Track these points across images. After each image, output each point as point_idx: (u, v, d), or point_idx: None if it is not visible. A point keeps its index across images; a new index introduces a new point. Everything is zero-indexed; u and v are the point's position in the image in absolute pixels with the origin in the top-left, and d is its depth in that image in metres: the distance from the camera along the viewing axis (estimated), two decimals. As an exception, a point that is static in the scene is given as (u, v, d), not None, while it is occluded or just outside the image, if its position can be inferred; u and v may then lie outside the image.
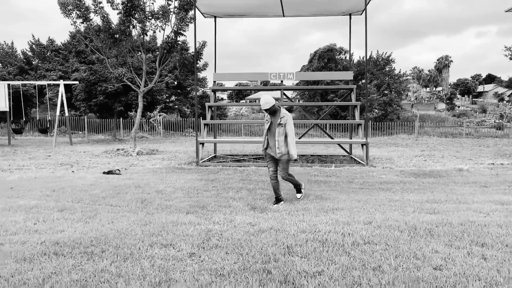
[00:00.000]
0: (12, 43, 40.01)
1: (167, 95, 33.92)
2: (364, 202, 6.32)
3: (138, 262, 3.71)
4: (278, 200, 6.18)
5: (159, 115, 30.14)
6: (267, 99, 5.91)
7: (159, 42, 24.81)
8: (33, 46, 39.00)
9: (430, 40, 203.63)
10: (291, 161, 6.20)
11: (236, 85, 50.77)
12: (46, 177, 9.11)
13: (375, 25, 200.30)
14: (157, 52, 17.86)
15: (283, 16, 13.13)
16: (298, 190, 6.57)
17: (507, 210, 5.78)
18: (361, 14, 12.99)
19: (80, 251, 4.02)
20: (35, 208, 5.98)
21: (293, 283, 3.25)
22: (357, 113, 11.88)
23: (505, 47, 30.77)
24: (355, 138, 13.56)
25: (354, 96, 12.15)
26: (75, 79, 24.73)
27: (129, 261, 3.74)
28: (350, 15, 13.12)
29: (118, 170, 9.77)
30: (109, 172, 9.50)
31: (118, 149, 14.66)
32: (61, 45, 38.61)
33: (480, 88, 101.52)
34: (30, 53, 38.97)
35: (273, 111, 6.01)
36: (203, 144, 11.72)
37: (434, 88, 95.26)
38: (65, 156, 13.99)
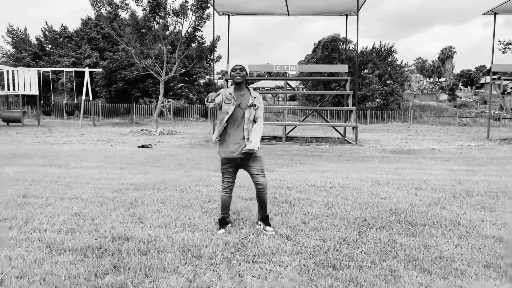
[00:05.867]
0: (25, 29, 41.45)
1: (174, 82, 35.91)
2: (347, 167, 8.37)
3: (192, 193, 5.76)
4: (225, 222, 4.28)
5: (167, 102, 32.11)
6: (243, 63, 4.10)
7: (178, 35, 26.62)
8: (46, 32, 40.50)
9: (436, 30, 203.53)
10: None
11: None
12: (91, 149, 11.18)
13: (382, 14, 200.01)
14: (175, 43, 19.67)
15: (288, 15, 15.06)
16: (267, 220, 4.24)
17: (452, 173, 7.81)
18: (356, 15, 14.88)
19: (150, 187, 6.09)
20: (100, 167, 8.05)
21: (290, 202, 5.29)
22: (350, 101, 13.87)
23: (499, 41, 32.38)
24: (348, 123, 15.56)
25: (348, 86, 14.12)
26: (90, 66, 26.53)
27: (185, 192, 5.80)
28: (346, 15, 15.04)
29: (150, 145, 11.82)
30: (143, 146, 11.55)
31: (142, 130, 16.73)
32: (73, 32, 40.18)
33: (483, 80, 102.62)
34: (43, 39, 40.43)
35: (241, 83, 4.10)
36: (218, 125, 13.74)
37: (437, 79, 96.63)
38: (96, 134, 16.10)
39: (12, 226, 4.26)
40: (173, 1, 16.00)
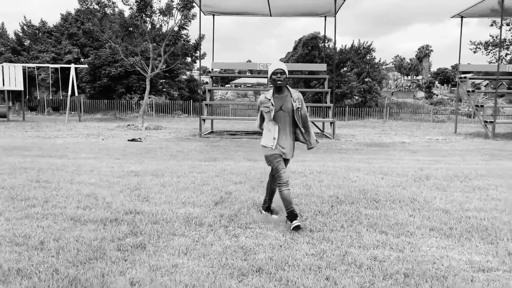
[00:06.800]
0: (3, 23, 40.65)
1: (156, 78, 36.22)
2: (324, 158, 9.24)
3: (188, 178, 6.51)
4: (295, 215, 4.19)
5: (148, 98, 32.44)
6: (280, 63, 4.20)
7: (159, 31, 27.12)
8: (25, 27, 39.62)
9: (414, 29, 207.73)
10: None
11: (221, 71, 53.87)
12: (84, 142, 11.75)
13: (362, 12, 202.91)
14: (157, 39, 20.26)
15: (270, 16, 15.86)
16: (271, 211, 4.68)
17: (417, 162, 8.76)
18: (333, 17, 15.79)
19: (149, 174, 6.81)
20: (97, 158, 8.69)
21: (274, 185, 6.10)
22: (328, 98, 14.79)
23: (470, 41, 33.91)
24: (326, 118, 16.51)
25: (326, 84, 15.03)
26: (71, 62, 26.68)
27: (181, 178, 6.54)
28: (325, 17, 15.95)
29: (139, 138, 12.46)
30: (133, 140, 12.18)
31: (128, 125, 17.29)
32: (53, 27, 39.48)
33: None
34: (21, 34, 39.56)
35: (281, 86, 4.23)
36: (204, 120, 14.47)
37: (414, 77, 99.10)
38: (85, 129, 16.58)
39: (34, 204, 4.94)
40: (159, 0, 16.49)
